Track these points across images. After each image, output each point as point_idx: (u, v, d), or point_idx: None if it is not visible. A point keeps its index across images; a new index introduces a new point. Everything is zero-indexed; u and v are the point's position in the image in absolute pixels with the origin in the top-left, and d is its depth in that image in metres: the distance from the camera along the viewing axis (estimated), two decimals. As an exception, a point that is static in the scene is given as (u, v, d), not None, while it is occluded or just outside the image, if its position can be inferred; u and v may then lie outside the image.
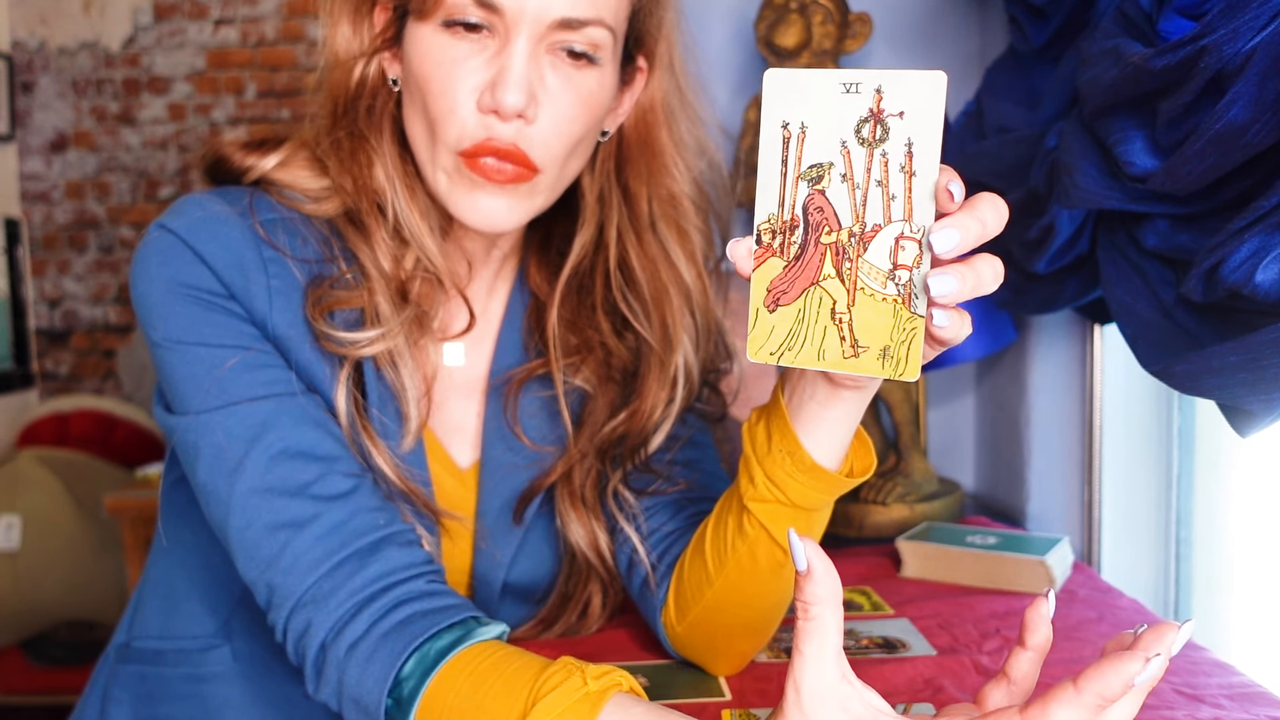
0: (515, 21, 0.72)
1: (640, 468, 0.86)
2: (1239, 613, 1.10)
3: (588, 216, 0.86)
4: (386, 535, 0.72)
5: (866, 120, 0.52)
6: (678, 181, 0.87)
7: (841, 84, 0.52)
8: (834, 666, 0.52)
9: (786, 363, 0.56)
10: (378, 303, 0.78)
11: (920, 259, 0.52)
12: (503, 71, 0.72)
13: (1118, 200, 0.83)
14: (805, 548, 0.52)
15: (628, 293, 0.87)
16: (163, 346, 0.75)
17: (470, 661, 0.64)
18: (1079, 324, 1.26)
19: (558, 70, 0.75)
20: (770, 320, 0.56)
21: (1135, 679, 0.50)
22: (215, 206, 0.77)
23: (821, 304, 0.54)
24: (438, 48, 0.74)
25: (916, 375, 0.53)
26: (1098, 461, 1.23)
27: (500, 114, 0.73)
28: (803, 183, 0.54)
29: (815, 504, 0.69)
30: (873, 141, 0.52)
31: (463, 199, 0.76)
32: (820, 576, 0.51)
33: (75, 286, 3.61)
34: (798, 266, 0.54)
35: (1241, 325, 0.74)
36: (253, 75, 3.54)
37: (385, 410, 0.80)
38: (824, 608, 0.52)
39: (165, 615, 0.88)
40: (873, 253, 0.53)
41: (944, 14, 1.48)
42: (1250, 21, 0.66)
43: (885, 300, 0.53)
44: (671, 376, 0.86)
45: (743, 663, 0.84)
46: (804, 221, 0.54)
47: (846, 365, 0.54)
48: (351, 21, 0.80)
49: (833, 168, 0.53)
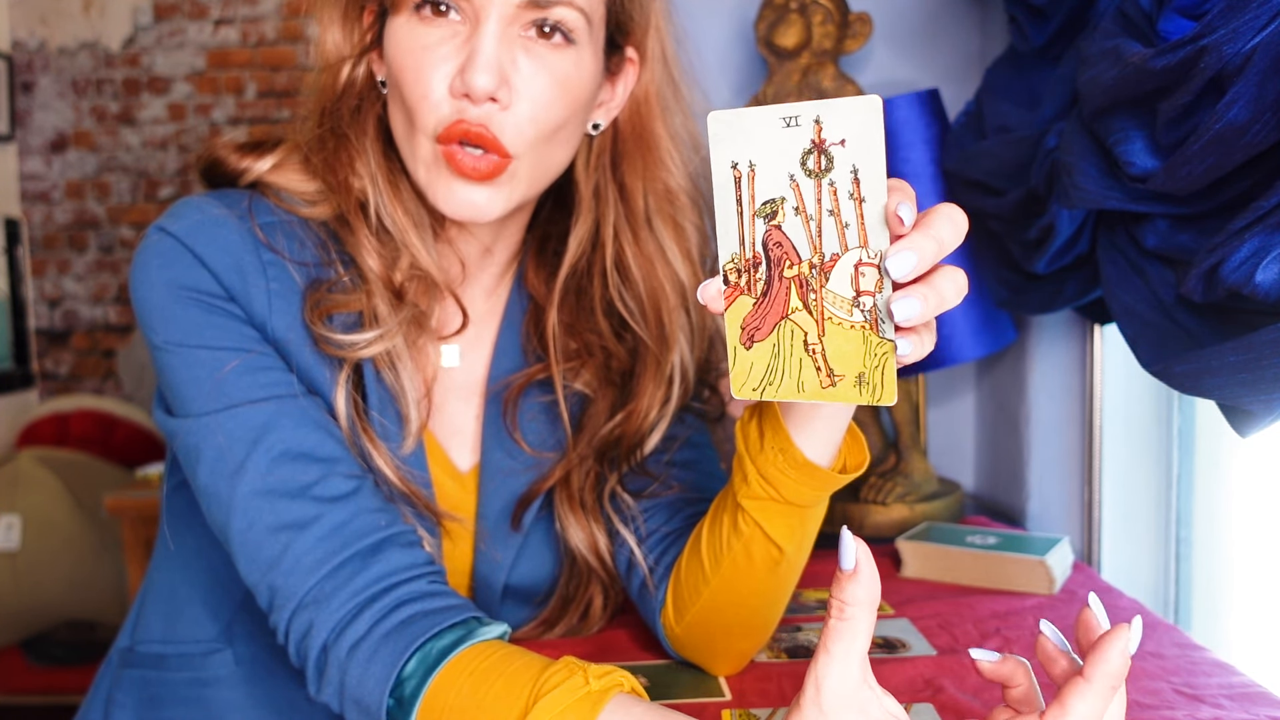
0: (484, 4, 0.73)
1: (636, 469, 0.86)
2: (1239, 613, 1.10)
3: (583, 212, 0.86)
4: (388, 536, 0.72)
5: (810, 152, 0.52)
6: (673, 175, 0.87)
7: (781, 119, 0.52)
8: (858, 669, 0.52)
9: (769, 397, 0.56)
10: (376, 305, 0.78)
11: (881, 283, 0.52)
12: (472, 55, 0.72)
13: (1118, 200, 0.83)
14: (857, 548, 0.52)
15: (624, 291, 0.87)
16: (163, 349, 0.75)
17: (472, 661, 0.64)
18: (1079, 324, 1.26)
19: (531, 53, 0.75)
20: (749, 357, 0.56)
21: (1130, 647, 0.52)
22: (214, 209, 0.77)
23: (794, 337, 0.55)
24: (410, 35, 0.75)
25: (894, 399, 0.53)
26: (1098, 461, 1.23)
27: (471, 97, 0.73)
28: (759, 219, 0.54)
29: (809, 500, 0.69)
30: (819, 172, 0.52)
31: (441, 189, 0.76)
32: (865, 579, 0.51)
33: (75, 286, 3.61)
34: (766, 302, 0.55)
35: (1241, 325, 0.74)
36: (253, 75, 3.55)
37: (385, 412, 0.80)
38: (860, 609, 0.52)
39: (168, 620, 0.88)
40: (835, 282, 0.53)
41: (944, 14, 1.48)
42: (1250, 21, 0.66)
43: (854, 328, 0.53)
44: (668, 376, 0.86)
45: (742, 662, 0.84)
46: (765, 257, 0.54)
47: (826, 395, 0.55)
48: (341, 25, 0.81)
49: (785, 202, 0.53)
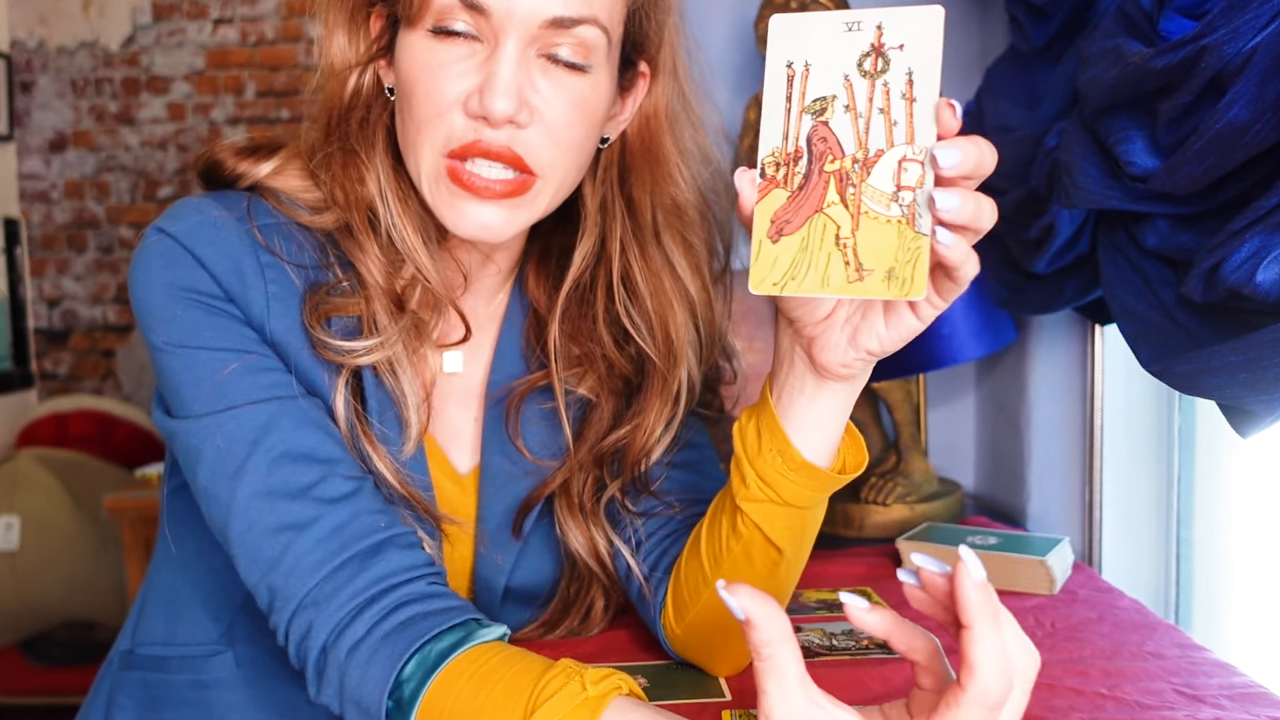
0: (503, 24, 0.70)
1: (639, 488, 0.86)
2: (1239, 613, 1.10)
3: (589, 226, 0.84)
4: (388, 537, 0.72)
5: (868, 54, 0.54)
6: (682, 190, 0.85)
7: (844, 23, 0.54)
8: (800, 696, 0.52)
9: (790, 291, 0.55)
10: (375, 310, 0.77)
11: (923, 179, 0.53)
12: (490, 77, 0.70)
13: (1118, 200, 0.83)
14: (738, 599, 0.51)
15: (631, 307, 0.85)
16: (163, 350, 0.74)
17: (471, 664, 0.64)
18: (1079, 324, 1.26)
19: (549, 75, 0.72)
20: (774, 251, 0.56)
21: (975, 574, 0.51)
22: (213, 211, 0.77)
23: (825, 231, 0.55)
24: (425, 52, 0.73)
25: (923, 293, 0.53)
26: (1098, 461, 1.23)
27: (490, 120, 0.71)
28: (806, 116, 0.55)
29: (808, 502, 0.69)
30: (874, 73, 0.54)
31: (449, 210, 0.74)
32: (763, 622, 0.51)
33: (74, 286, 3.61)
34: (801, 195, 0.55)
35: (1241, 325, 0.74)
36: (252, 75, 3.54)
37: (385, 416, 0.79)
38: (776, 647, 0.51)
39: (168, 622, 0.88)
40: (876, 176, 0.54)
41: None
42: (1250, 21, 0.66)
43: (889, 222, 0.53)
44: (675, 393, 0.85)
45: (742, 663, 0.83)
46: (808, 152, 0.55)
47: (851, 289, 0.54)
48: (347, 31, 0.79)
49: (836, 100, 0.54)
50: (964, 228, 0.54)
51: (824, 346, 0.63)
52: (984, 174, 0.54)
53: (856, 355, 0.62)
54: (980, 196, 0.54)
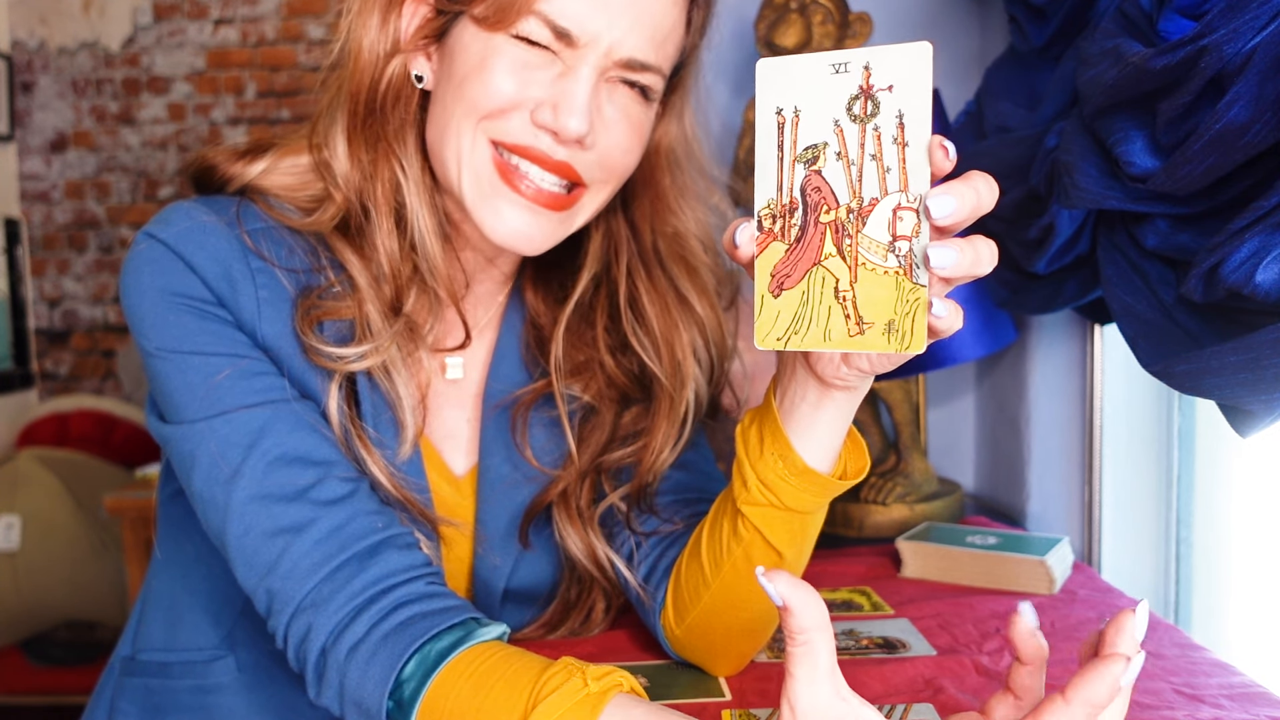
0: (586, 52, 0.73)
1: (643, 507, 0.86)
2: (1239, 613, 1.10)
3: (592, 248, 0.87)
4: (385, 538, 0.72)
5: (857, 97, 0.53)
6: (682, 220, 0.87)
7: (830, 65, 0.53)
8: (828, 686, 0.52)
9: (794, 347, 0.56)
10: (368, 313, 0.77)
11: (919, 228, 0.52)
12: (568, 96, 0.72)
13: (1118, 200, 0.83)
14: (777, 585, 0.51)
15: (639, 329, 0.87)
16: (156, 356, 0.74)
17: (471, 663, 0.64)
18: (1079, 324, 1.26)
19: (614, 100, 0.76)
20: (775, 305, 0.56)
21: (1121, 681, 0.50)
22: (203, 216, 0.76)
23: (825, 284, 0.54)
24: (498, 52, 0.73)
25: (922, 348, 0.53)
26: (1098, 461, 1.23)
27: (560, 136, 0.73)
28: (799, 165, 0.54)
29: (808, 507, 0.69)
30: (864, 117, 0.53)
31: (489, 212, 0.76)
32: (801, 608, 0.51)
33: (75, 286, 3.61)
34: (799, 248, 0.55)
35: (1241, 325, 0.74)
36: (252, 75, 3.54)
37: (380, 419, 0.79)
38: (812, 634, 0.51)
39: (169, 628, 0.88)
40: (871, 226, 0.53)
41: (944, 14, 1.48)
42: (1250, 21, 0.66)
43: (887, 273, 0.53)
44: (681, 416, 0.86)
45: (742, 663, 0.84)
46: (803, 203, 0.55)
47: (853, 343, 0.54)
48: (383, 14, 0.77)
49: (827, 147, 0.54)
50: (963, 278, 0.53)
51: (819, 360, 0.63)
52: (982, 213, 0.53)
53: (850, 372, 0.63)
54: (976, 242, 0.53)
